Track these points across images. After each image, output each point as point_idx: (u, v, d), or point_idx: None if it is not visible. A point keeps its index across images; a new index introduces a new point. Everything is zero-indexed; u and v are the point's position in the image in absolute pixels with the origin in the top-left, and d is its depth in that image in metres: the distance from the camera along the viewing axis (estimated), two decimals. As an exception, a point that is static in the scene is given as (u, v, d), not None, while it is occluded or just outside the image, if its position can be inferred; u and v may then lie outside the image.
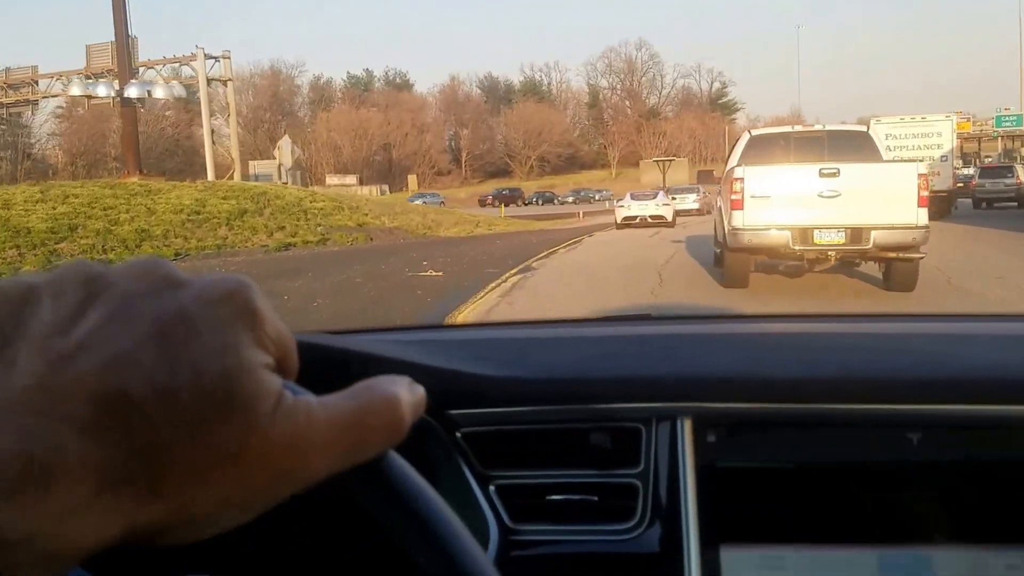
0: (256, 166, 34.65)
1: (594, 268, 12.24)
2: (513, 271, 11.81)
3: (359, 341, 0.78)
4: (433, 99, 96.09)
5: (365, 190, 67.70)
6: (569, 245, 17.36)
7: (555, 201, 61.61)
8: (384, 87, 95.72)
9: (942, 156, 20.91)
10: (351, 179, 72.13)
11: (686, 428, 0.80)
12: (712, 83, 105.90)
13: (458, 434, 0.81)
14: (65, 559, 0.24)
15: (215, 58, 34.54)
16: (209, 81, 34.51)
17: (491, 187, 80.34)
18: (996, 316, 1.39)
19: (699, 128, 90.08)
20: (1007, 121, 65.67)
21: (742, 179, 8.01)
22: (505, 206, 42.53)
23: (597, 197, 61.50)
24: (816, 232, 7.82)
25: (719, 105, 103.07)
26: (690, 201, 24.33)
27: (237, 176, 32.96)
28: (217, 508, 0.28)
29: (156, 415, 0.26)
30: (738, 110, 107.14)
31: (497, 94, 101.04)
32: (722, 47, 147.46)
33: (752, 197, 7.92)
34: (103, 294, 0.29)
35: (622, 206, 23.65)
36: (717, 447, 0.80)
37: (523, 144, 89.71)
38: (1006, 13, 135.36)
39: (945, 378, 0.80)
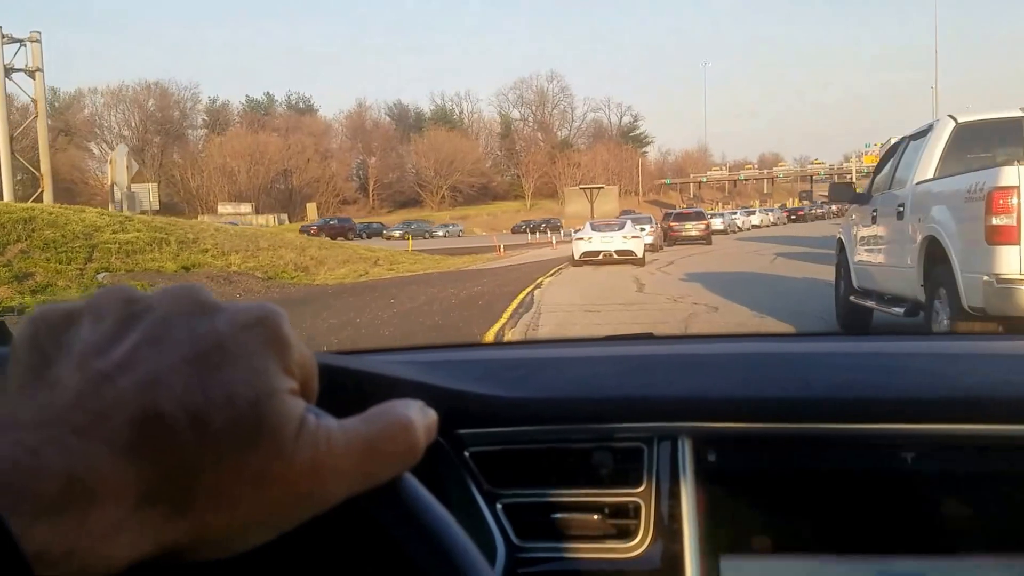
0: (123, 192, 25.97)
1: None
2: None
3: (370, 361, 0.79)
4: (339, 125, 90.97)
5: (261, 219, 62.28)
6: (523, 308, 10.69)
7: (383, 234, 54.98)
8: (286, 111, 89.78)
9: None
10: (246, 207, 66.24)
11: (687, 447, 0.82)
12: (622, 117, 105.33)
13: (466, 453, 0.83)
14: (100, 573, 0.25)
15: (20, 42, 26.95)
16: (9, 71, 26.76)
17: (401, 217, 75.88)
18: (988, 335, 1.26)
19: (612, 160, 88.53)
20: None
21: (1018, 189, 4.04)
22: (332, 238, 36.95)
23: (442, 232, 56.07)
24: None
25: (630, 138, 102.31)
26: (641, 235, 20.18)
27: (47, 197, 26.16)
28: (241, 528, 0.28)
29: (188, 437, 0.27)
30: (649, 143, 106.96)
31: (407, 122, 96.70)
32: (631, 82, 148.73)
33: None
34: (142, 317, 0.29)
35: (581, 238, 19.77)
36: (717, 465, 0.82)
37: (434, 173, 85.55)
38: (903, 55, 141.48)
39: (939, 398, 0.82)
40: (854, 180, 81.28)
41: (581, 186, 43.57)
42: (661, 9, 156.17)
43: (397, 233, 52.90)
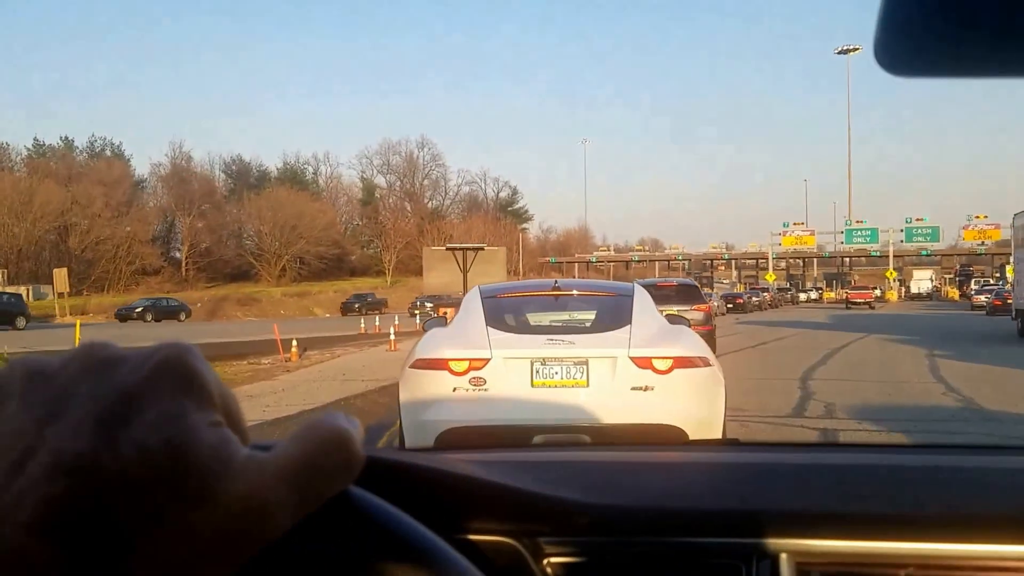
0: None
1: None
2: None
3: (444, 460, 0.75)
4: (156, 177, 73.02)
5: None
6: None
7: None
8: (87, 159, 71.09)
9: None
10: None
11: (788, 567, 0.75)
12: (499, 191, 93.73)
13: (546, 563, 0.76)
14: None
15: None
16: None
17: (225, 291, 58.74)
18: None
19: (490, 234, 75.40)
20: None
21: None
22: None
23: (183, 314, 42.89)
24: None
25: (509, 212, 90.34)
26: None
27: None
28: (194, 572, 0.28)
29: (108, 500, 0.26)
30: (529, 219, 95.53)
31: (247, 180, 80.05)
32: (509, 157, 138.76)
33: None
34: (44, 391, 0.29)
35: (444, 362, 4.37)
36: None
37: (272, 239, 68.85)
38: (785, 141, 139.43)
39: None
40: (769, 263, 74.10)
41: (449, 245, 26.86)
42: (540, 83, 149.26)
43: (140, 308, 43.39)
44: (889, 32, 0.41)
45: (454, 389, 4.19)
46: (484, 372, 4.18)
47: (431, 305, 38.19)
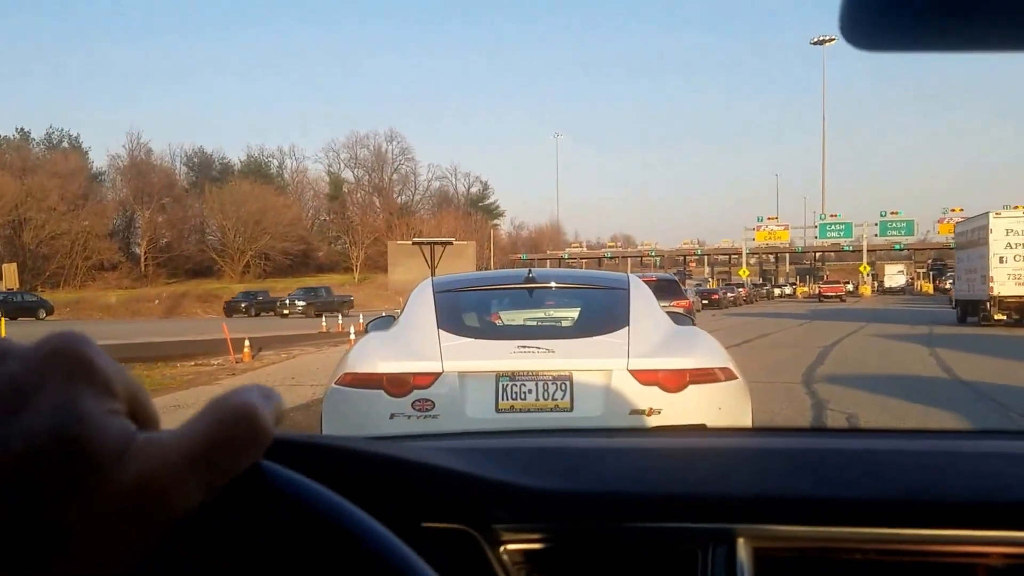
0: None
1: None
2: None
3: (405, 448, 0.76)
4: (114, 170, 70.58)
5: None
6: None
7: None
8: (44, 151, 68.46)
9: None
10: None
11: (746, 553, 0.75)
12: (470, 187, 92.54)
13: (503, 549, 0.75)
14: None
15: None
16: None
17: (186, 288, 56.83)
18: None
19: (461, 229, 74.26)
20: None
21: None
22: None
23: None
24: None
25: (481, 208, 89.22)
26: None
27: None
28: (100, 560, 0.28)
29: (5, 494, 0.26)
30: (500, 215, 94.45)
31: (209, 174, 77.88)
32: (480, 152, 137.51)
33: None
34: None
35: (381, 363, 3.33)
36: (779, 574, 0.76)
37: (235, 235, 66.93)
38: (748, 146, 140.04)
39: (1020, 502, 0.75)
40: (743, 259, 73.71)
41: (415, 240, 25.63)
42: (512, 77, 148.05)
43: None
44: (856, 6, 0.41)
45: (391, 416, 3.15)
46: (432, 392, 3.15)
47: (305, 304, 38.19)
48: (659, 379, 3.18)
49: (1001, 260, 20.84)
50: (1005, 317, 20.65)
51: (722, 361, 3.41)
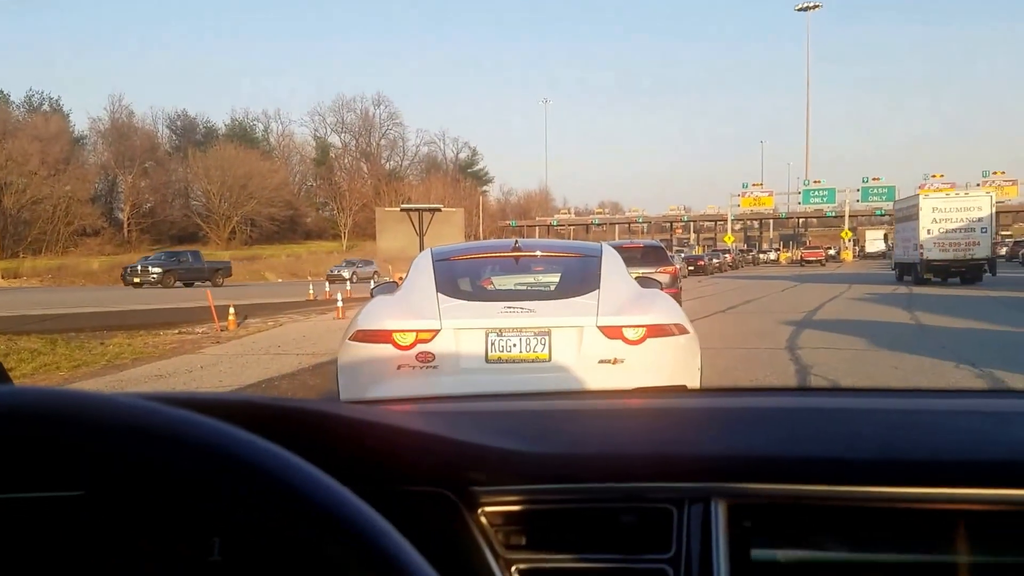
0: None
1: None
2: None
3: (381, 413, 0.76)
4: (96, 133, 69.48)
5: None
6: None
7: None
8: (25, 114, 67.18)
9: (982, 227, 25.43)
10: None
11: (720, 511, 0.76)
12: (459, 152, 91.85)
13: (480, 512, 0.76)
14: None
15: None
16: None
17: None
18: None
19: (449, 195, 73.84)
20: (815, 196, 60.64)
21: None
22: None
23: None
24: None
25: (469, 174, 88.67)
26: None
27: None
28: None
29: None
30: (489, 181, 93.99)
31: (193, 138, 76.84)
32: (469, 117, 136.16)
33: None
34: None
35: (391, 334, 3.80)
36: (753, 531, 0.76)
37: (221, 200, 66.29)
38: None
39: (991, 460, 0.76)
40: (729, 225, 73.86)
41: (403, 206, 25.35)
42: (500, 40, 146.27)
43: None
44: None
45: (399, 366, 3.72)
46: (432, 345, 3.72)
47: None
48: (622, 333, 3.74)
49: (928, 232, 25.70)
50: (931, 276, 25.40)
51: (676, 318, 3.96)
